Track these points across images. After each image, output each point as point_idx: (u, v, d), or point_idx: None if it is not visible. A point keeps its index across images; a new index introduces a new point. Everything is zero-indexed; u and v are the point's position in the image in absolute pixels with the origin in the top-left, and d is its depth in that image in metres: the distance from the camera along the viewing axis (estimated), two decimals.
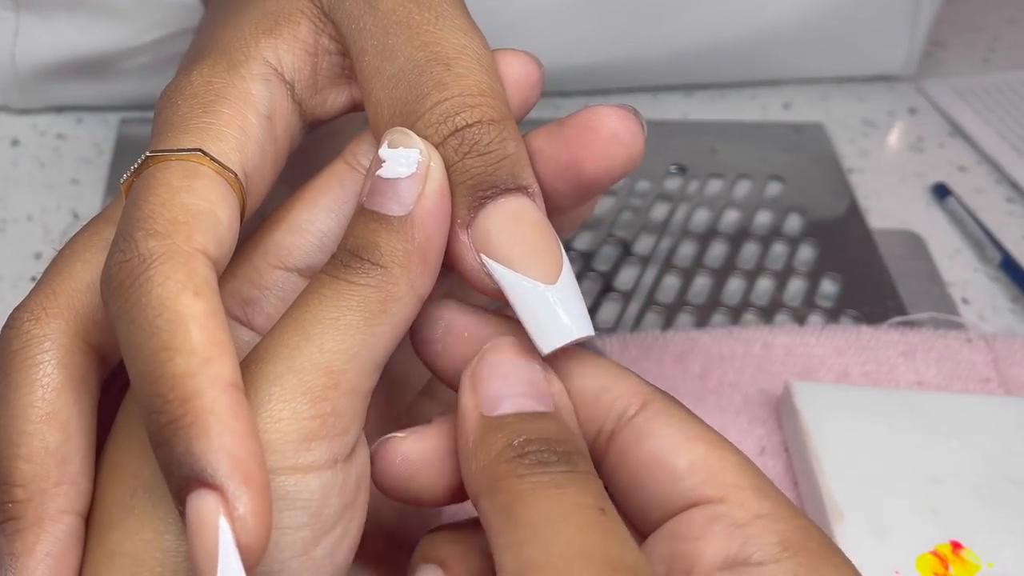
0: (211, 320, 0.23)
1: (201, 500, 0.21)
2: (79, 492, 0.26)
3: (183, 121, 0.26)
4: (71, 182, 0.51)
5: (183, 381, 0.22)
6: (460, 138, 0.25)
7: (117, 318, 0.23)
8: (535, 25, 0.55)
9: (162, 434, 0.22)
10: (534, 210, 0.25)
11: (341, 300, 0.24)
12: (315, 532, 0.24)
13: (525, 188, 0.26)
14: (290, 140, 0.28)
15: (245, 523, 0.21)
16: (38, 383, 0.26)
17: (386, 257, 0.25)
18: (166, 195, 0.24)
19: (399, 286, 0.25)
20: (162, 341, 0.22)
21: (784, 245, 0.50)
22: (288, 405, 0.24)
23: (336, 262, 0.25)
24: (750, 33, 0.57)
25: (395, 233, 0.25)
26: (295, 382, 0.24)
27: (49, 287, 0.27)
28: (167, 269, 0.23)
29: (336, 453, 0.24)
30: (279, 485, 0.23)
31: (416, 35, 0.26)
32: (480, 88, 0.26)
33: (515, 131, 0.26)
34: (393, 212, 0.25)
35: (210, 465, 0.21)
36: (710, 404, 0.41)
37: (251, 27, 0.28)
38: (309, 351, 0.24)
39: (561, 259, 0.25)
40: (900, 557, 0.34)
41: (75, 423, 0.26)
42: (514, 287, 0.25)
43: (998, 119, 0.59)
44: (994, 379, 0.42)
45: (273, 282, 0.27)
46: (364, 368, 0.24)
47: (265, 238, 0.28)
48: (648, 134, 0.27)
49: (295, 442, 0.23)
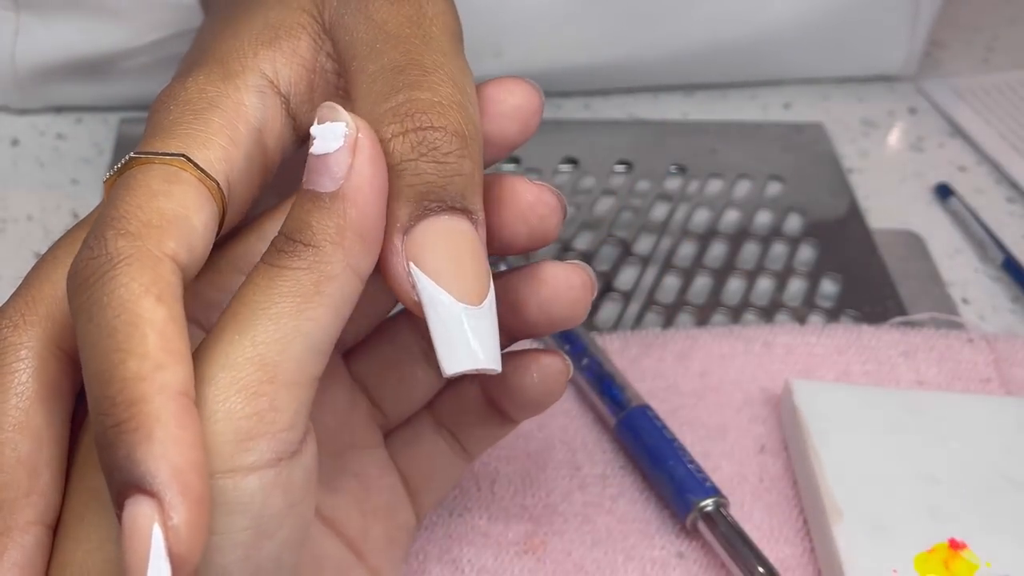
0: (169, 326, 0.22)
1: (137, 506, 0.21)
2: (48, 503, 0.25)
3: (172, 126, 0.26)
4: (71, 182, 0.51)
5: (132, 384, 0.22)
6: (421, 137, 0.25)
7: (77, 314, 0.23)
8: (535, 25, 0.55)
9: (107, 436, 0.22)
10: (473, 235, 0.25)
11: (273, 288, 0.24)
12: (257, 534, 0.23)
13: (471, 213, 0.25)
14: (281, 153, 0.28)
15: (179, 533, 0.21)
16: (12, 391, 0.25)
17: (318, 236, 0.24)
18: (143, 197, 0.24)
19: (332, 264, 0.24)
20: (116, 342, 0.22)
21: (784, 245, 0.50)
22: (222, 405, 0.23)
23: (272, 248, 0.25)
24: (750, 33, 0.57)
25: (326, 209, 0.24)
26: (228, 380, 0.23)
27: (29, 294, 0.26)
28: (133, 271, 0.23)
29: (278, 451, 0.23)
30: (217, 489, 0.23)
31: (401, 44, 0.27)
32: (452, 100, 0.25)
33: (477, 154, 0.26)
34: (325, 188, 0.24)
35: (149, 472, 0.21)
36: (711, 402, 0.41)
37: (251, 38, 0.28)
38: (242, 345, 0.23)
39: (488, 287, 0.25)
40: (899, 556, 0.34)
41: (47, 433, 0.26)
42: (433, 300, 0.25)
43: (998, 119, 0.58)
44: (995, 379, 0.42)
45: (234, 287, 0.26)
46: (303, 356, 0.24)
47: (233, 243, 0.28)
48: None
49: (232, 443, 0.23)
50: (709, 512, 0.35)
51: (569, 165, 0.54)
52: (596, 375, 0.40)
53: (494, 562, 0.35)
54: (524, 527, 0.36)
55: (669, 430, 0.38)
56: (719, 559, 0.35)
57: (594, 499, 0.37)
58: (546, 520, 0.37)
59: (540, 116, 0.28)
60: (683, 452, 0.37)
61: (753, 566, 0.34)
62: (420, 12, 0.27)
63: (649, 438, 0.38)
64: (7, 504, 0.25)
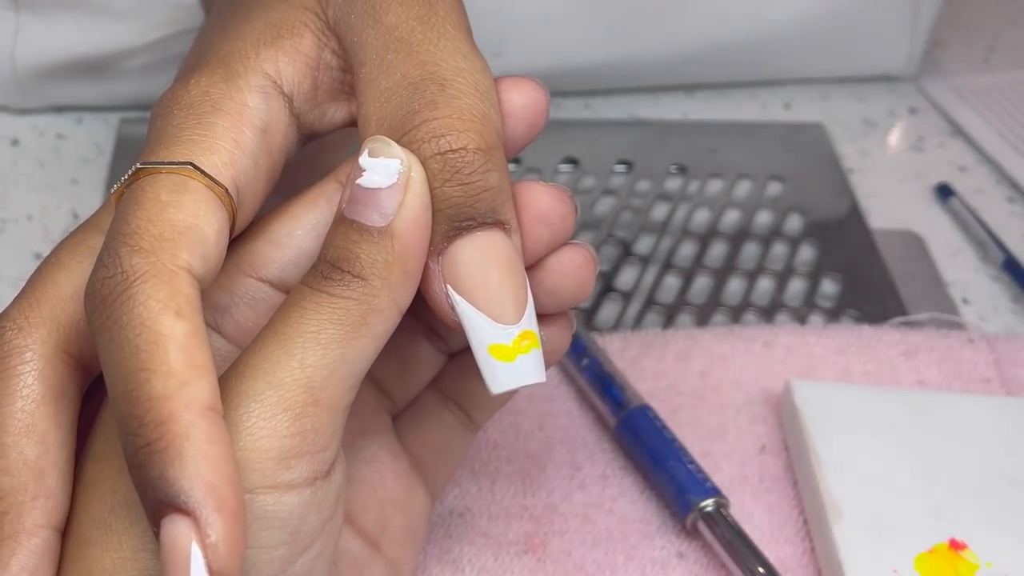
0: (191, 341, 0.23)
1: (174, 525, 0.21)
2: (56, 506, 0.25)
3: (176, 132, 0.26)
4: (71, 182, 0.51)
5: (159, 404, 0.22)
6: (443, 162, 0.25)
7: (99, 334, 0.23)
8: (535, 25, 0.55)
9: (137, 456, 0.22)
10: (507, 248, 0.25)
11: (322, 313, 0.24)
12: (293, 550, 0.24)
13: (503, 224, 0.25)
14: (286, 153, 0.28)
15: (217, 550, 0.21)
16: (18, 394, 0.25)
17: (367, 269, 0.24)
18: (153, 210, 0.24)
19: (380, 299, 0.24)
20: (140, 361, 0.22)
21: (784, 245, 0.50)
22: (268, 423, 0.23)
23: (316, 273, 0.25)
24: (750, 33, 0.57)
25: (375, 244, 0.24)
26: (275, 398, 0.23)
27: (33, 296, 0.26)
28: (149, 288, 0.23)
29: (315, 470, 0.24)
30: (257, 504, 0.23)
31: (415, 53, 0.26)
32: (471, 113, 0.25)
33: (501, 162, 0.26)
34: (373, 223, 0.24)
35: (183, 491, 0.21)
36: (711, 402, 0.41)
37: (253, 38, 0.28)
38: (290, 366, 0.24)
39: (525, 301, 0.26)
40: (899, 556, 0.34)
41: (54, 435, 0.26)
42: (472, 323, 0.25)
43: (998, 119, 0.58)
44: (995, 379, 0.42)
45: (245, 291, 0.27)
46: (344, 383, 0.24)
47: (243, 246, 0.27)
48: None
49: (274, 460, 0.23)
50: (709, 512, 0.35)
51: (569, 165, 0.54)
52: (596, 375, 0.40)
53: (494, 562, 0.35)
54: (524, 527, 0.36)
55: (669, 430, 0.38)
56: (719, 559, 0.35)
57: (594, 499, 0.37)
58: (546, 520, 0.37)
59: (547, 115, 0.28)
60: (683, 452, 0.37)
61: (753, 566, 0.34)
62: (431, 11, 0.27)
63: (649, 438, 0.38)
64: (14, 508, 0.25)
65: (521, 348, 0.25)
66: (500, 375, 0.25)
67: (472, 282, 0.25)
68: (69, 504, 0.26)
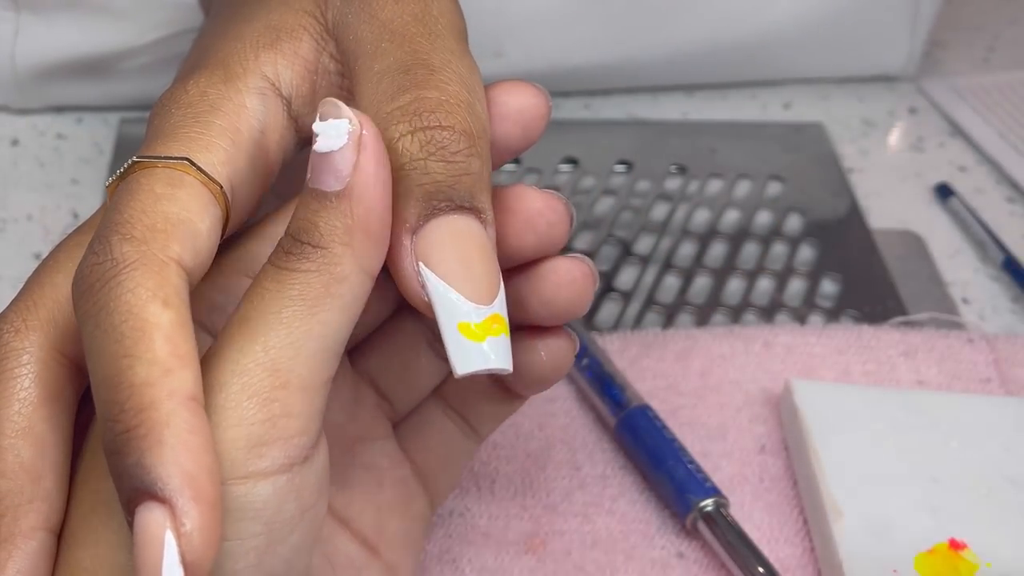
0: (177, 331, 0.22)
1: (149, 513, 0.21)
2: (52, 509, 0.25)
3: (174, 129, 0.26)
4: (71, 182, 0.51)
5: (140, 390, 0.21)
6: (429, 136, 0.25)
7: (84, 320, 0.23)
8: (535, 25, 0.55)
9: (115, 443, 0.22)
10: (482, 234, 0.25)
11: (283, 291, 0.24)
12: (269, 540, 0.23)
13: (479, 211, 0.25)
14: (283, 155, 0.28)
15: (191, 539, 0.21)
16: (15, 397, 0.25)
17: (326, 237, 0.24)
18: (147, 201, 0.24)
19: (342, 265, 0.24)
20: (124, 348, 0.22)
21: (784, 245, 0.50)
22: (234, 411, 0.23)
23: (279, 250, 0.24)
24: (750, 33, 0.57)
25: (333, 209, 0.24)
26: (239, 386, 0.23)
27: (30, 298, 0.26)
28: (139, 276, 0.23)
29: (291, 456, 0.23)
30: (230, 495, 0.23)
31: (407, 42, 0.26)
32: (459, 99, 0.25)
33: (486, 153, 0.26)
34: (331, 187, 0.24)
35: (160, 479, 0.21)
36: (711, 402, 0.41)
37: (252, 40, 0.28)
38: (253, 351, 0.23)
39: (497, 286, 0.25)
40: (899, 556, 0.34)
41: (50, 438, 0.26)
42: (442, 300, 0.25)
43: (998, 119, 0.58)
44: (995, 379, 0.42)
45: (239, 289, 0.27)
46: (315, 360, 0.24)
47: (239, 246, 0.27)
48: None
49: (243, 449, 0.23)
50: (709, 512, 0.35)
51: (569, 165, 0.54)
52: (596, 375, 0.40)
53: (494, 562, 0.35)
54: (524, 527, 0.36)
55: (669, 430, 0.38)
56: (719, 559, 0.35)
57: (594, 499, 0.37)
58: (546, 520, 0.37)
59: (546, 121, 0.28)
60: (683, 452, 0.37)
61: (753, 566, 0.34)
62: (426, 10, 0.27)
63: (649, 438, 0.38)
64: (11, 510, 0.25)
65: (491, 331, 0.25)
66: (469, 354, 0.25)
67: (446, 259, 0.25)
68: (64, 507, 0.26)
